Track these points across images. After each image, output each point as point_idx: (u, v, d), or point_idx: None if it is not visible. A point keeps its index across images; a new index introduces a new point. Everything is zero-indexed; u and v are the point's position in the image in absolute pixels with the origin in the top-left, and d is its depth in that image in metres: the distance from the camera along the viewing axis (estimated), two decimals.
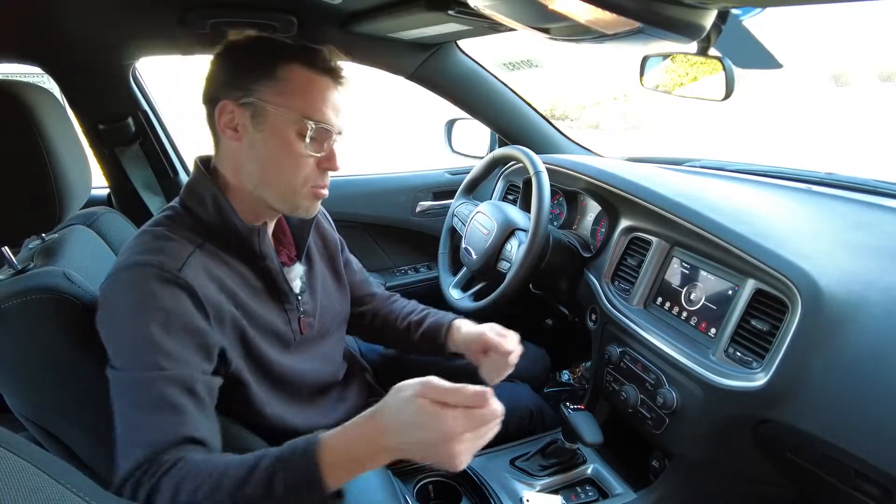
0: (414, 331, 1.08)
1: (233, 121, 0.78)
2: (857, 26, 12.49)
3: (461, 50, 1.59)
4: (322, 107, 0.79)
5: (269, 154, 0.79)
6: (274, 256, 0.85)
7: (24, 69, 1.31)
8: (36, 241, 0.92)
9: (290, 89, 0.77)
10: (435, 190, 1.92)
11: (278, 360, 0.85)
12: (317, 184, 0.82)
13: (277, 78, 0.77)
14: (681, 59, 1.08)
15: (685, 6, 0.67)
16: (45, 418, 0.78)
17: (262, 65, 0.77)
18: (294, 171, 0.79)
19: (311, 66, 0.78)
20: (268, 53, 0.78)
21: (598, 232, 1.36)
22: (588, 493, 1.06)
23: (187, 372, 0.68)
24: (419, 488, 1.00)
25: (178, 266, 0.72)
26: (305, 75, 0.78)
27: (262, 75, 0.77)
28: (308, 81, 0.78)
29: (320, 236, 1.03)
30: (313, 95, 0.78)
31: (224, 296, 0.77)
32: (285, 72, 0.77)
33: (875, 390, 0.71)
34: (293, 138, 0.78)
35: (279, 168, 0.79)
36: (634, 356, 1.08)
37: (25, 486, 0.34)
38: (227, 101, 0.78)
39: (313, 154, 0.79)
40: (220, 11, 1.22)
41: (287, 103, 0.77)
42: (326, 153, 0.81)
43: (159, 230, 0.77)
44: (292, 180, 0.80)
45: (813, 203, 1.12)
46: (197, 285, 0.72)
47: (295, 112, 0.77)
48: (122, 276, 0.71)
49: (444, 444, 0.60)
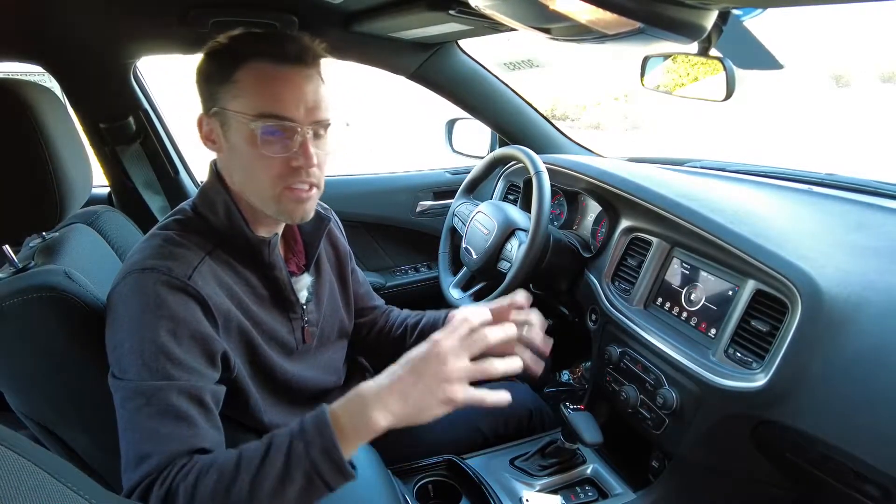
0: (411, 333, 1.07)
1: (211, 132, 0.77)
2: (858, 27, 12.49)
3: (462, 50, 1.59)
4: (279, 100, 0.72)
5: (241, 161, 0.76)
6: (283, 267, 0.84)
7: (25, 68, 1.32)
8: (37, 240, 0.92)
9: (244, 91, 0.73)
10: (435, 189, 1.92)
11: (282, 367, 0.85)
12: (291, 184, 0.76)
13: (233, 81, 0.73)
14: (682, 59, 1.08)
15: (686, 7, 0.67)
16: (46, 416, 0.78)
17: (221, 70, 0.74)
18: (263, 175, 0.75)
19: (270, 59, 0.73)
20: (227, 56, 0.74)
21: (598, 232, 1.36)
22: (588, 494, 1.06)
23: (196, 382, 0.68)
24: (419, 488, 1.00)
25: (187, 273, 0.71)
26: (262, 71, 0.73)
27: (222, 81, 0.74)
28: (262, 76, 0.73)
29: (332, 245, 1.01)
30: (267, 90, 0.73)
31: (232, 303, 0.77)
32: (241, 72, 0.73)
33: (875, 391, 0.71)
34: (253, 140, 0.73)
35: (251, 174, 0.76)
36: (634, 356, 1.08)
37: (25, 484, 0.34)
38: (202, 113, 0.77)
39: (276, 155, 0.74)
40: (222, 10, 1.23)
41: (241, 106, 0.73)
42: (292, 150, 0.74)
43: (170, 234, 0.76)
44: (263, 185, 0.76)
45: (813, 204, 1.12)
46: (206, 293, 0.72)
47: (248, 112, 0.72)
48: (131, 281, 0.71)
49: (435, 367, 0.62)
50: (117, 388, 0.67)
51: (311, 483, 0.60)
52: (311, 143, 0.75)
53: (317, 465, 0.60)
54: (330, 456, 0.60)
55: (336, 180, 1.88)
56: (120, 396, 0.67)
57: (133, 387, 0.66)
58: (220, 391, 0.72)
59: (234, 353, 0.77)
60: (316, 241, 0.92)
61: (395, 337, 1.09)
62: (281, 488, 0.60)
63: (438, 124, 1.91)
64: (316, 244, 0.92)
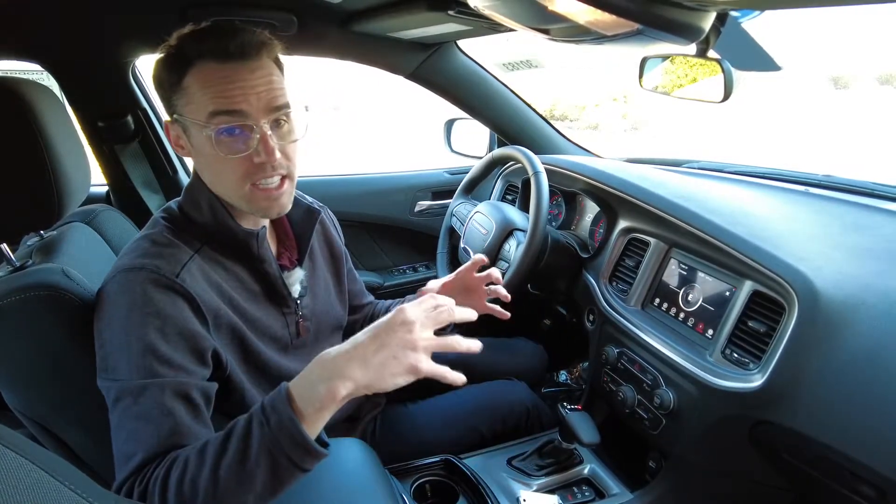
0: None
1: (177, 138, 0.77)
2: (857, 29, 12.52)
3: (461, 50, 1.59)
4: (230, 100, 0.70)
5: (207, 164, 0.76)
6: (273, 260, 0.84)
7: (23, 66, 1.31)
8: (34, 238, 0.92)
9: (194, 96, 0.71)
10: (434, 189, 1.92)
11: (276, 362, 0.85)
12: (257, 182, 0.74)
13: (183, 87, 0.72)
14: (680, 60, 1.08)
15: (684, 8, 0.67)
16: (43, 415, 0.78)
17: (171, 77, 0.73)
18: (229, 177, 0.74)
19: (213, 58, 0.71)
20: (175, 62, 0.73)
21: (596, 232, 1.36)
22: (585, 493, 1.06)
23: (183, 379, 0.67)
24: (416, 488, 1.00)
25: (175, 271, 0.71)
26: (207, 73, 0.71)
27: (173, 88, 0.73)
28: (210, 79, 0.71)
29: (326, 241, 1.02)
30: (214, 90, 0.70)
31: (222, 301, 0.77)
32: (189, 78, 0.71)
33: (870, 392, 0.71)
34: (208, 144, 0.72)
35: (217, 174, 0.76)
36: (632, 357, 1.08)
37: (23, 482, 0.34)
38: (166, 120, 0.77)
39: (237, 155, 0.72)
40: (221, 9, 1.23)
41: (194, 112, 0.72)
42: (256, 147, 0.72)
43: (158, 234, 0.76)
44: (231, 185, 0.75)
45: (811, 205, 1.12)
46: (195, 291, 0.72)
47: (199, 118, 0.71)
48: (119, 280, 0.71)
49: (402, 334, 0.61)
50: (106, 388, 0.67)
51: (276, 462, 0.58)
52: (270, 136, 0.72)
53: (277, 441, 0.58)
54: (288, 431, 0.58)
55: (335, 180, 1.88)
56: (109, 396, 0.67)
57: (120, 386, 0.66)
58: (211, 388, 0.72)
59: (226, 351, 0.77)
60: (307, 234, 0.92)
61: None
62: (243, 470, 0.58)
63: (437, 124, 1.91)
64: (307, 238, 0.92)
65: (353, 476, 0.79)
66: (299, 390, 0.61)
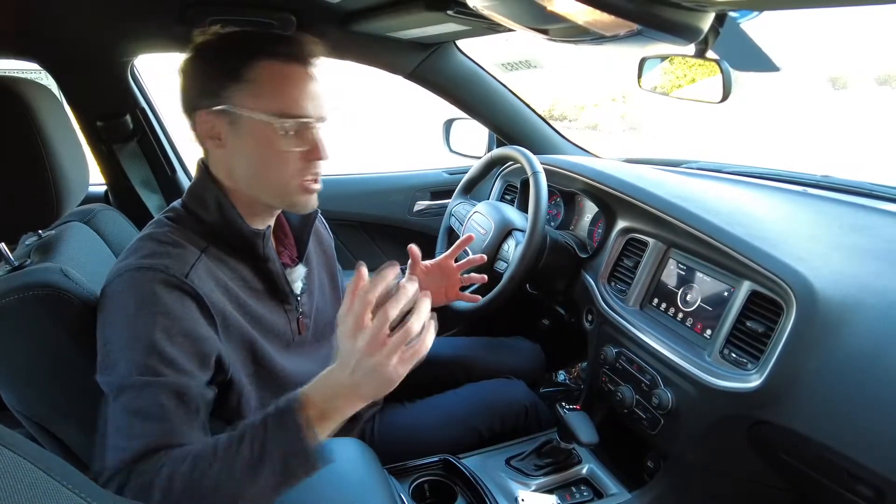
0: None
1: (213, 129, 0.77)
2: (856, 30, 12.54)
3: (460, 50, 1.59)
4: (296, 99, 0.75)
5: (254, 156, 0.77)
6: (276, 259, 0.85)
7: (22, 65, 1.31)
8: (33, 238, 0.92)
9: (259, 90, 0.74)
10: (433, 189, 1.92)
11: (280, 360, 0.85)
12: (306, 177, 0.79)
13: (245, 79, 0.74)
14: (679, 61, 1.08)
15: (683, 9, 0.67)
16: (42, 415, 0.78)
17: (227, 67, 0.74)
18: (281, 169, 0.78)
19: (277, 58, 0.75)
20: (232, 53, 0.75)
21: (595, 233, 1.36)
22: (583, 493, 1.06)
23: (184, 380, 0.67)
24: (415, 487, 1.00)
25: (184, 272, 0.72)
26: (272, 70, 0.74)
27: (229, 79, 0.74)
28: (276, 76, 0.75)
29: (317, 239, 1.03)
30: (285, 90, 0.75)
31: (229, 300, 0.77)
32: (251, 71, 0.74)
33: (868, 393, 0.71)
34: (273, 138, 0.75)
35: (267, 168, 0.78)
36: (630, 357, 1.08)
37: (21, 482, 0.34)
38: (202, 110, 0.76)
39: (295, 149, 0.77)
40: (220, 9, 1.23)
41: (259, 105, 0.74)
42: (310, 145, 0.78)
43: (164, 234, 0.76)
44: (281, 178, 0.78)
45: (809, 206, 1.12)
46: (203, 292, 0.72)
47: (269, 112, 0.74)
48: (126, 279, 0.70)
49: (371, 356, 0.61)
50: (106, 383, 0.67)
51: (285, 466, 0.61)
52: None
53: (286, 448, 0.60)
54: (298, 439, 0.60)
55: (333, 180, 1.88)
56: (108, 391, 0.67)
57: (120, 382, 0.66)
58: (209, 394, 0.72)
59: (233, 352, 0.77)
60: (306, 232, 0.94)
61: None
62: (252, 474, 0.60)
63: (436, 124, 1.91)
64: (306, 236, 0.94)
65: (351, 476, 0.79)
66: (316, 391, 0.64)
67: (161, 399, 0.65)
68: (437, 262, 1.10)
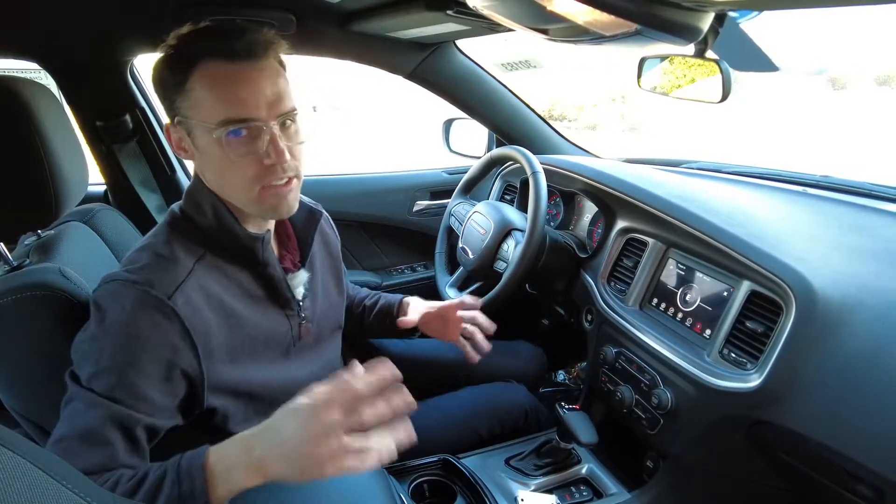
0: (368, 314, 1.14)
1: (180, 141, 0.75)
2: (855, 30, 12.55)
3: (460, 50, 1.59)
4: (241, 100, 0.69)
5: (213, 167, 0.75)
6: (276, 264, 0.83)
7: (21, 65, 1.31)
8: (32, 238, 0.92)
9: (201, 98, 0.70)
10: (432, 189, 1.92)
11: (272, 375, 0.83)
12: (268, 183, 0.74)
13: (187, 90, 0.70)
14: (678, 61, 1.08)
15: (682, 9, 0.67)
16: (40, 415, 0.78)
17: (174, 77, 0.71)
18: (237, 179, 0.73)
19: (220, 58, 0.69)
20: (178, 62, 0.71)
21: (594, 232, 1.36)
22: (582, 493, 1.06)
23: (135, 412, 0.65)
24: (414, 487, 1.00)
25: (169, 291, 0.69)
26: (211, 73, 0.69)
27: (177, 89, 0.71)
28: (216, 79, 0.69)
29: (324, 242, 1.01)
30: (225, 93, 0.69)
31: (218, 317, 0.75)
32: (192, 80, 0.70)
33: (868, 393, 0.71)
34: (221, 147, 0.70)
35: (225, 177, 0.75)
36: (630, 357, 1.08)
37: (21, 481, 0.34)
38: (167, 123, 0.75)
39: (246, 157, 0.71)
40: (219, 8, 1.22)
41: (200, 115, 0.70)
42: (265, 149, 0.71)
43: (161, 245, 0.75)
44: (240, 188, 0.74)
45: (808, 206, 1.12)
46: (185, 314, 0.70)
47: (208, 122, 0.70)
48: (110, 290, 0.69)
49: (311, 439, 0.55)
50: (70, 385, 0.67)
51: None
52: (279, 136, 0.72)
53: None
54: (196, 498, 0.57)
55: (333, 179, 1.88)
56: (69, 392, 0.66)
57: (77, 388, 0.65)
58: (159, 426, 0.69)
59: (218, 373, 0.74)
60: (309, 236, 0.91)
61: (355, 313, 1.15)
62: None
63: (436, 124, 1.91)
64: (310, 240, 0.91)
65: (350, 475, 0.79)
66: (217, 465, 0.59)
67: (106, 425, 0.64)
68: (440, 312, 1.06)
